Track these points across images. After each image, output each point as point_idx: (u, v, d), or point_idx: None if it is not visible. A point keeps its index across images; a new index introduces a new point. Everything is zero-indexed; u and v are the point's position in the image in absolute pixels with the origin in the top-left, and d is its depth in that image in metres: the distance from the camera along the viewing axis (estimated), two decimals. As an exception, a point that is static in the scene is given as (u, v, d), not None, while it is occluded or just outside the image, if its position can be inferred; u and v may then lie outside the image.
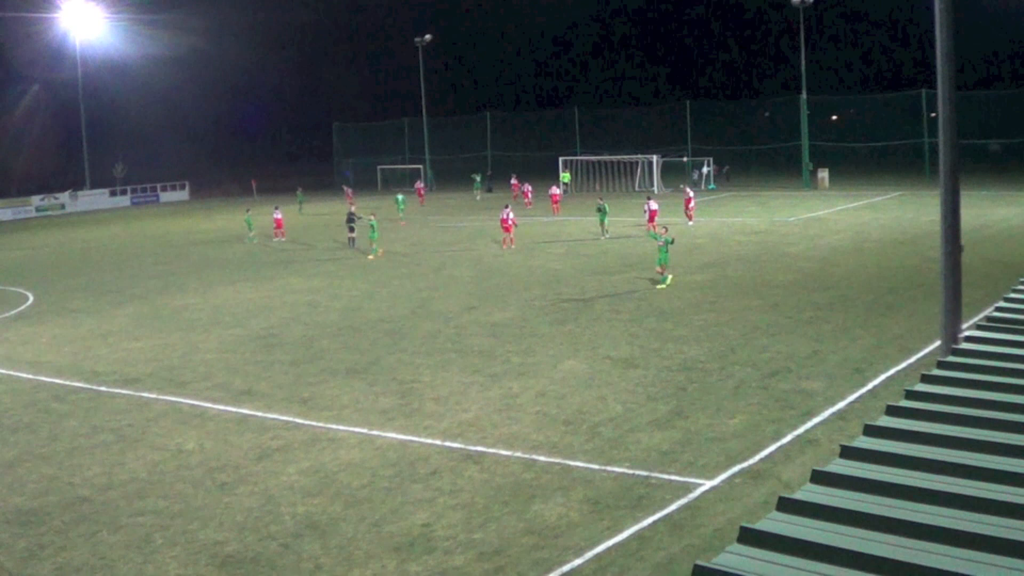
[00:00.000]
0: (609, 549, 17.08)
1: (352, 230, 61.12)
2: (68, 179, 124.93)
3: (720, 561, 9.23)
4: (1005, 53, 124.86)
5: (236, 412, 27.11)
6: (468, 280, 46.35)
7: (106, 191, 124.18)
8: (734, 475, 20.15)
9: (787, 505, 10.18)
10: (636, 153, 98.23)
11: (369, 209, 68.24)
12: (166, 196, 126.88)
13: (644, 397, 25.99)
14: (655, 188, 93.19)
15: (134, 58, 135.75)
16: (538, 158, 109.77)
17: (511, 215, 58.25)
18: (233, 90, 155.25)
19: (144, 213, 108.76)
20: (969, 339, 15.12)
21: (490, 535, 17.99)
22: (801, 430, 22.70)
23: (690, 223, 63.32)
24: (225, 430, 25.58)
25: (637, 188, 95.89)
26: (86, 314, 44.00)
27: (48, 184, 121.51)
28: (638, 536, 17.51)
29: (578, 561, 16.71)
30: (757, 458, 21.04)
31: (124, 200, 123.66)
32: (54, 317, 43.44)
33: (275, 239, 68.58)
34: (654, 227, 56.41)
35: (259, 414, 26.74)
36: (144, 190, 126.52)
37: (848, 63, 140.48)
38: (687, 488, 19.55)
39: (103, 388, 30.69)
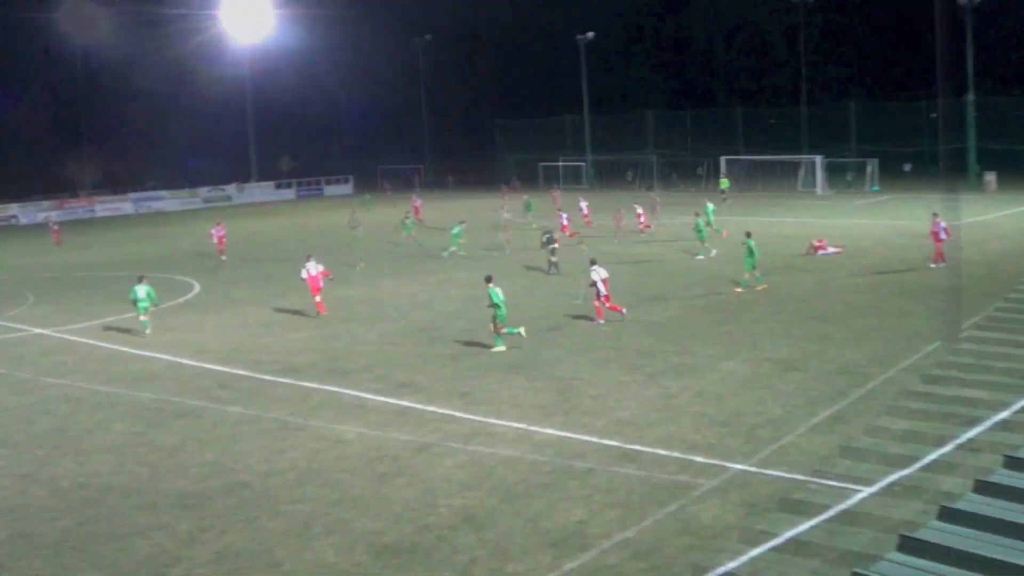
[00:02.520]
0: (764, 553, 16.99)
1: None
2: (235, 173, 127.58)
3: (878, 569, 9.20)
4: None
5: (396, 404, 27.55)
6: (628, 278, 46.28)
7: (272, 184, 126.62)
8: (893, 482, 19.84)
9: (948, 514, 10.10)
10: (799, 153, 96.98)
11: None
12: (330, 190, 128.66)
13: (803, 400, 25.76)
14: (817, 189, 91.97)
15: (300, 55, 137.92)
16: (699, 158, 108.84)
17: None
18: (397, 85, 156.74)
19: (308, 206, 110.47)
20: None
21: (645, 534, 18.04)
22: (963, 438, 22.22)
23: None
24: (384, 421, 26.02)
25: (800, 188, 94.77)
26: (250, 304, 45.07)
27: (215, 177, 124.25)
28: (794, 541, 17.38)
29: (733, 564, 16.67)
30: (917, 466, 20.67)
31: (289, 193, 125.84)
32: (219, 306, 44.54)
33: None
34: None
35: (418, 406, 27.14)
36: (309, 183, 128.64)
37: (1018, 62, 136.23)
38: (845, 494, 19.32)
39: (266, 377, 31.42)
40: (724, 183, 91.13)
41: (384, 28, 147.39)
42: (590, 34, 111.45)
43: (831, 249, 51.46)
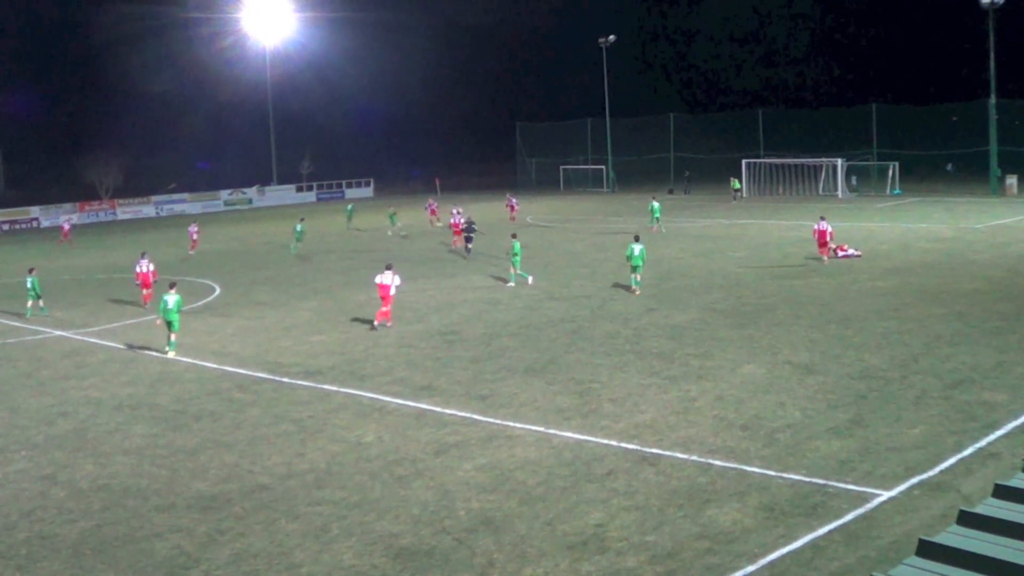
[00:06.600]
0: (783, 557, 16.95)
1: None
2: (256, 175, 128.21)
3: (896, 573, 9.15)
4: None
5: (415, 407, 27.54)
6: (648, 282, 46.20)
7: (292, 187, 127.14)
8: (913, 486, 19.79)
9: (967, 519, 10.03)
10: (820, 156, 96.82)
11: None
12: (351, 192, 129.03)
13: (823, 404, 25.68)
14: (839, 192, 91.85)
15: (321, 58, 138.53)
16: (720, 160, 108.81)
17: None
18: (417, 89, 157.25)
19: (329, 209, 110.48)
20: None
21: (663, 538, 18.00)
22: (983, 443, 22.18)
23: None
24: (404, 424, 26.00)
25: (821, 192, 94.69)
26: (271, 307, 45.13)
27: (236, 179, 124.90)
28: (812, 545, 17.35)
29: (751, 568, 16.63)
30: (937, 470, 20.63)
31: (310, 196, 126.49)
32: (239, 309, 44.61)
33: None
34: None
35: (438, 409, 27.12)
36: (330, 186, 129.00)
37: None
38: (864, 498, 19.28)
39: (286, 379, 31.46)
40: (735, 184, 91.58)
41: (403, 32, 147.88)
42: (612, 37, 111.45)
43: (851, 252, 51.34)
